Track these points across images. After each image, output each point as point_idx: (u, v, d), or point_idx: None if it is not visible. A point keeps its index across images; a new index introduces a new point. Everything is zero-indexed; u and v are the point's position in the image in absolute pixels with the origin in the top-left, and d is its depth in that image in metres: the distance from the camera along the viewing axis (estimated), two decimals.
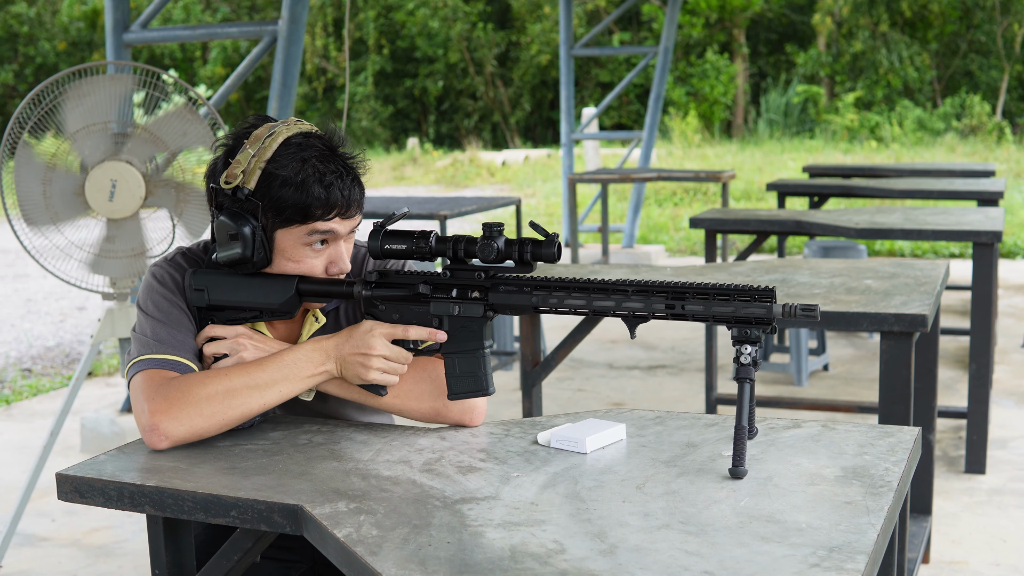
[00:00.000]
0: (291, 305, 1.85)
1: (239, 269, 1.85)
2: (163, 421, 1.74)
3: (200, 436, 1.77)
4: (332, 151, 1.84)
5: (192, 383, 1.77)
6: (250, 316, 1.88)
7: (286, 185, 1.78)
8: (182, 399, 1.75)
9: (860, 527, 1.41)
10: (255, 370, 1.80)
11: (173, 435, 1.75)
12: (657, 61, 9.52)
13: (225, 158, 1.85)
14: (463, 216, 5.53)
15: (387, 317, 1.83)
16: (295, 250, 1.84)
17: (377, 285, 1.84)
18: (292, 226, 1.81)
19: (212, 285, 1.86)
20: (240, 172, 1.80)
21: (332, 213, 1.81)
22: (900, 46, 21.21)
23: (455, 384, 1.82)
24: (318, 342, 1.83)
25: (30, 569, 3.53)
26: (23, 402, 5.71)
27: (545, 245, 1.71)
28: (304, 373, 1.81)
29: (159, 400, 1.75)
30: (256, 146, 1.80)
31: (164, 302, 1.86)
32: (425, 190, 16.73)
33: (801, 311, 1.60)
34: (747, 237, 10.09)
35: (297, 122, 1.86)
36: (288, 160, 1.79)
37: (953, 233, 4.20)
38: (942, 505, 3.80)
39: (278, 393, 1.80)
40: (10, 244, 11.53)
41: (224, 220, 1.81)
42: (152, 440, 1.75)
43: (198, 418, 1.75)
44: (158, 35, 4.86)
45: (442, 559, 1.36)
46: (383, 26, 24.18)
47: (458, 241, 1.77)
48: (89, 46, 24.60)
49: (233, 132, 1.88)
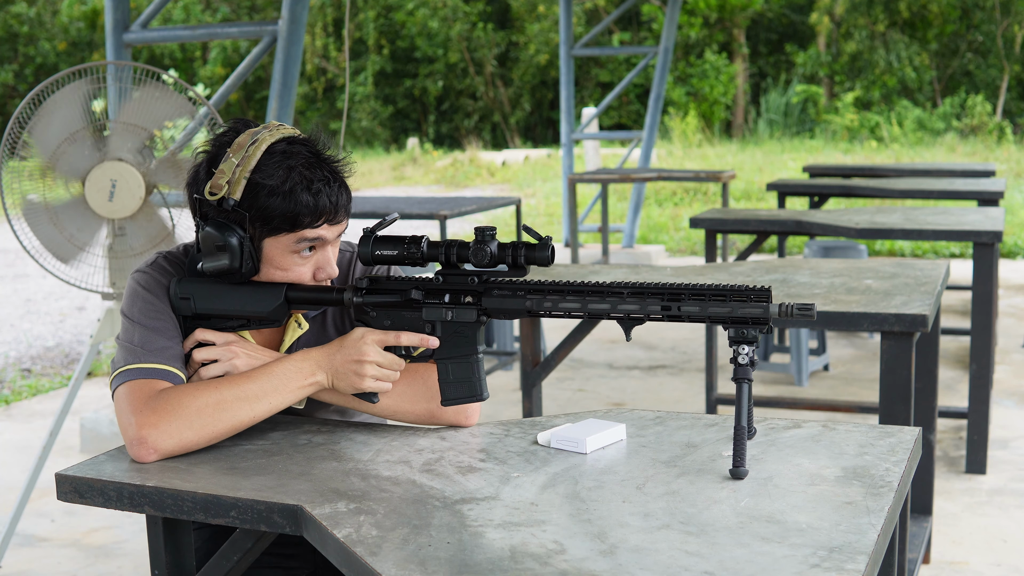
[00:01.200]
0: (280, 313, 1.83)
1: (227, 279, 1.83)
2: (151, 434, 1.71)
3: (189, 449, 1.75)
4: (317, 156, 1.81)
5: (181, 395, 1.74)
6: (237, 325, 1.85)
7: (273, 195, 1.75)
8: (172, 412, 1.72)
9: (860, 527, 1.41)
10: (245, 382, 1.77)
11: (161, 448, 1.72)
12: (657, 61, 9.52)
13: (208, 167, 1.81)
14: (463, 216, 5.52)
15: (378, 323, 1.81)
16: (283, 258, 1.82)
17: (368, 291, 1.81)
18: (280, 235, 1.79)
19: (198, 294, 1.84)
20: (224, 183, 1.76)
21: (320, 220, 1.79)
22: (899, 46, 21.20)
23: (448, 390, 1.81)
24: (308, 353, 1.81)
25: (29, 569, 3.53)
26: (23, 402, 5.71)
27: (539, 248, 1.69)
28: (294, 385, 1.79)
29: (147, 413, 1.72)
30: (240, 155, 1.77)
31: (150, 308, 1.83)
32: (425, 190, 16.73)
33: (798, 310, 1.60)
34: (747, 237, 10.09)
35: (279, 127, 1.83)
36: (273, 169, 1.76)
37: (953, 233, 4.20)
38: (943, 505, 3.80)
39: (268, 405, 1.78)
40: (10, 244, 11.52)
41: (210, 231, 1.78)
42: (139, 453, 1.72)
43: (187, 431, 1.73)
44: (158, 35, 4.85)
45: (442, 559, 1.36)
46: (383, 26, 24.19)
47: (450, 246, 1.74)
48: (89, 46, 24.60)
49: (214, 139, 1.84)
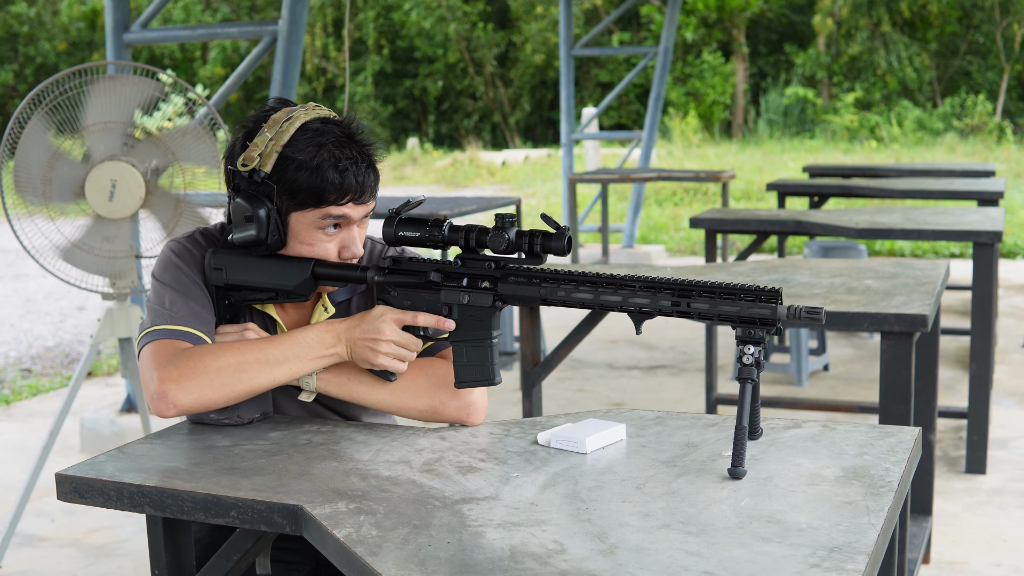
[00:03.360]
0: (306, 288, 1.88)
1: (254, 250, 1.89)
2: (172, 389, 1.76)
3: (207, 407, 1.80)
4: (349, 137, 1.86)
5: (204, 353, 1.79)
6: (266, 297, 1.91)
7: (301, 169, 1.81)
8: (193, 369, 1.77)
9: (860, 527, 1.41)
10: (267, 346, 1.82)
11: (181, 404, 1.77)
12: (657, 61, 9.52)
13: (243, 140, 1.88)
14: (463, 216, 5.53)
15: (399, 303, 1.86)
16: (308, 233, 1.87)
17: (390, 271, 1.87)
18: (306, 210, 1.84)
19: (230, 265, 1.90)
20: (257, 155, 1.83)
21: (346, 198, 1.83)
22: (899, 46, 21.20)
23: (463, 372, 1.84)
24: (330, 324, 1.86)
25: (29, 569, 3.53)
26: (22, 402, 5.71)
27: (555, 238, 1.73)
28: (315, 353, 1.83)
29: (170, 368, 1.77)
30: (274, 130, 1.84)
31: (181, 275, 1.89)
32: (425, 190, 16.72)
33: (806, 313, 1.60)
34: (747, 237, 10.09)
35: (316, 107, 1.89)
36: (304, 144, 1.82)
37: (953, 233, 4.20)
38: (942, 505, 3.80)
39: (288, 371, 1.82)
40: (10, 244, 11.53)
41: (240, 202, 1.85)
42: (159, 407, 1.77)
43: (207, 388, 1.78)
44: (158, 35, 4.85)
45: (442, 559, 1.36)
46: (383, 26, 24.18)
47: (470, 230, 1.79)
48: (89, 46, 24.59)
49: (253, 115, 1.90)
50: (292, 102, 1.91)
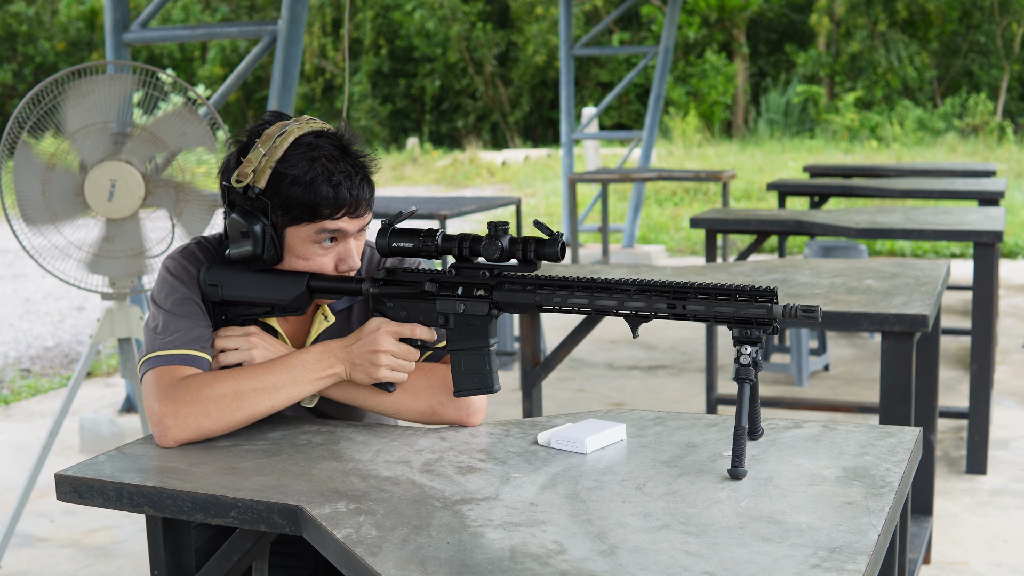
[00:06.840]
0: (302, 301, 1.88)
1: (251, 266, 1.89)
2: (171, 423, 1.78)
3: (207, 436, 1.81)
4: (342, 150, 1.86)
5: (201, 385, 1.79)
6: (262, 311, 1.91)
7: (295, 184, 1.81)
8: (190, 401, 1.78)
9: (861, 528, 1.41)
10: (264, 372, 1.82)
11: (180, 436, 1.79)
12: (657, 61, 9.52)
13: (238, 156, 1.88)
14: (463, 216, 5.52)
15: (394, 314, 1.86)
16: (304, 248, 1.87)
17: (384, 283, 1.86)
18: (301, 224, 1.84)
19: (226, 281, 1.90)
20: (251, 171, 1.83)
21: (340, 212, 1.83)
22: (899, 46, 21.20)
23: (461, 381, 1.84)
24: (327, 345, 1.86)
25: (29, 569, 3.53)
26: (22, 402, 5.70)
27: (549, 244, 1.73)
28: (312, 376, 1.84)
29: (167, 402, 1.78)
30: (267, 145, 1.83)
31: (177, 295, 1.89)
32: (425, 190, 16.73)
33: (802, 312, 1.60)
34: (747, 237, 10.09)
35: (310, 120, 1.89)
36: (298, 160, 1.82)
37: (954, 233, 4.20)
38: (943, 505, 3.80)
39: (286, 395, 1.83)
40: (10, 244, 11.52)
41: (236, 218, 1.85)
42: (160, 439, 1.80)
43: (205, 419, 1.79)
44: (157, 35, 4.85)
45: (442, 560, 1.35)
46: (382, 26, 24.17)
47: (463, 240, 1.79)
48: (88, 46, 24.58)
49: (247, 129, 1.91)
50: (287, 115, 1.91)
